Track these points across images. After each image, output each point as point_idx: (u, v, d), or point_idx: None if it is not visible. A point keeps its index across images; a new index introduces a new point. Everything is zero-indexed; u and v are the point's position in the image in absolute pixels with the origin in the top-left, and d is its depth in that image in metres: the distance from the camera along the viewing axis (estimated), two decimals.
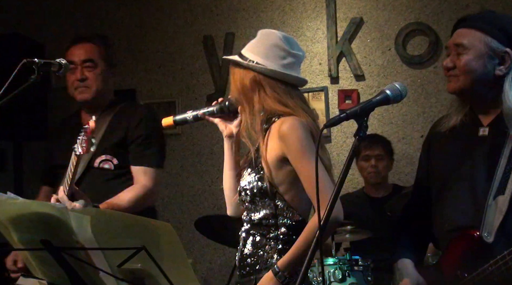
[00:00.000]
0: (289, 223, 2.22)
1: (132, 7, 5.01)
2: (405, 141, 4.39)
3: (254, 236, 2.26)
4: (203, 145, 4.74)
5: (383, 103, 1.81)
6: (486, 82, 2.19)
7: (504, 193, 2.12)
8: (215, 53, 4.76)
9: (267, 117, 2.29)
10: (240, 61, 2.28)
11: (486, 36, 2.19)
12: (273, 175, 2.20)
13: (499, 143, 2.17)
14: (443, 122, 2.33)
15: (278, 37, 2.28)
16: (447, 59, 2.24)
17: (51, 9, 5.12)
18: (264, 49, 2.27)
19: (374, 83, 4.46)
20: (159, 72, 4.93)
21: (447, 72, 2.24)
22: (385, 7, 4.47)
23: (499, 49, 2.19)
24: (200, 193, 4.77)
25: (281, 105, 2.23)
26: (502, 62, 2.19)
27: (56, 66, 2.55)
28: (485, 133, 2.23)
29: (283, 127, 2.18)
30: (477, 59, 2.18)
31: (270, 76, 2.25)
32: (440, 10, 4.34)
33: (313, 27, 4.61)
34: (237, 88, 2.30)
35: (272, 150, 2.21)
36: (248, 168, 2.30)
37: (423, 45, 4.35)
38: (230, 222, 3.74)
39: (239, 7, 4.78)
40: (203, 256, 4.72)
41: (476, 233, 2.13)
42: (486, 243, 2.11)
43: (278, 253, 2.20)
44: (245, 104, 2.28)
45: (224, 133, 2.40)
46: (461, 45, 2.20)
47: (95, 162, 2.87)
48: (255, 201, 2.24)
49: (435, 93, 4.31)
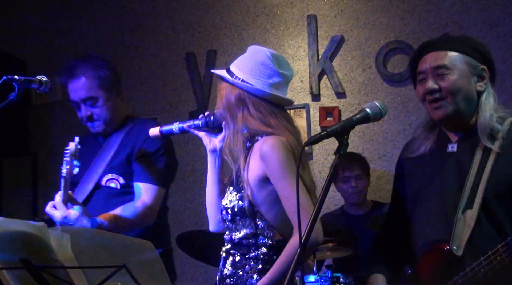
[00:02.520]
0: (269, 243, 2.21)
1: (113, 24, 5.02)
2: (385, 159, 4.41)
3: (234, 256, 2.25)
4: (185, 162, 4.73)
5: (363, 122, 1.84)
6: (470, 100, 2.23)
7: (472, 207, 2.16)
8: (197, 70, 4.77)
9: (250, 136, 2.28)
10: (227, 77, 2.27)
11: (464, 55, 2.24)
12: (254, 194, 2.19)
13: (468, 158, 2.22)
14: (412, 149, 2.36)
15: (267, 55, 2.26)
16: (428, 82, 2.24)
17: (32, 26, 5.11)
18: (252, 67, 2.25)
19: (355, 100, 4.49)
20: (141, 89, 4.93)
21: (430, 96, 2.24)
22: (366, 26, 4.52)
23: (477, 66, 2.24)
24: (182, 210, 4.75)
25: (263, 124, 2.22)
26: (481, 79, 2.24)
27: (37, 83, 2.54)
28: (453, 149, 2.27)
29: (264, 147, 2.18)
30: (462, 78, 2.22)
31: (255, 95, 2.24)
32: (420, 29, 4.39)
33: (294, 45, 4.64)
34: (222, 103, 2.29)
35: (253, 169, 2.21)
36: (230, 187, 2.30)
37: (403, 63, 4.40)
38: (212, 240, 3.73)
39: (221, 25, 4.80)
40: (184, 274, 4.68)
41: (446, 247, 2.17)
42: (456, 256, 2.15)
43: (258, 273, 2.18)
44: (229, 120, 2.27)
45: (208, 147, 2.39)
46: (442, 66, 2.23)
47: (103, 180, 2.86)
48: (235, 220, 2.23)
49: (416, 111, 4.35)
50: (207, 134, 2.39)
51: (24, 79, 2.48)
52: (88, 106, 2.87)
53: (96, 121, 2.90)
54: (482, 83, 2.26)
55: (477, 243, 2.13)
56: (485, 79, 2.27)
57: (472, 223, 2.14)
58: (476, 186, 2.17)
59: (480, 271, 2.07)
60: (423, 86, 2.26)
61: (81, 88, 2.84)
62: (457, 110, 2.23)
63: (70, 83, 2.88)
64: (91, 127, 2.93)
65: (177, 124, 2.43)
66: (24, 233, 1.72)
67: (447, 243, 2.17)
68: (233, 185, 2.28)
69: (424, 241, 2.26)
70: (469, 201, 2.17)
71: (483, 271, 2.07)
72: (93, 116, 2.88)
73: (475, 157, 2.20)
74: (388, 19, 4.48)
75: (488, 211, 2.16)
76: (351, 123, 1.79)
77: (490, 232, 2.15)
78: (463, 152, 2.25)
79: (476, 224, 2.14)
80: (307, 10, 4.63)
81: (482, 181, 2.16)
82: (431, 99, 2.24)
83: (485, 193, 2.15)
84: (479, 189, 2.16)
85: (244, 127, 2.25)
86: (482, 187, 2.15)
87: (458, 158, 2.25)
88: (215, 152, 2.38)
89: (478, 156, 2.20)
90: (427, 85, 2.24)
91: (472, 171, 2.19)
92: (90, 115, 2.88)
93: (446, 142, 2.29)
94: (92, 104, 2.87)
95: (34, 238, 1.70)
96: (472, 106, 2.25)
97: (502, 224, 2.15)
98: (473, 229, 2.14)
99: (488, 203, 2.16)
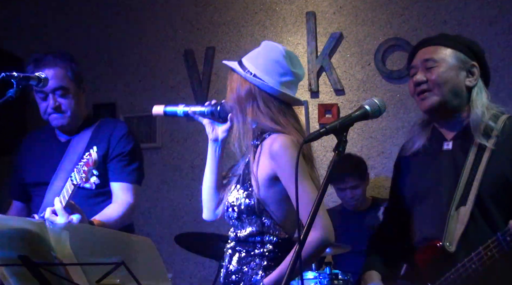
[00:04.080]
0: (275, 241, 2.20)
1: (112, 21, 5.01)
2: (384, 156, 4.42)
3: (240, 253, 2.24)
4: (184, 158, 4.73)
5: (362, 118, 1.83)
6: (458, 93, 2.25)
7: (466, 203, 2.17)
8: (196, 67, 4.77)
9: (259, 133, 2.26)
10: (239, 70, 2.24)
11: (455, 51, 2.27)
12: (262, 192, 2.18)
13: (462, 156, 2.23)
14: (408, 147, 2.38)
15: (282, 53, 2.24)
16: (417, 75, 2.27)
17: (29, 23, 5.11)
18: (265, 63, 2.23)
19: (354, 97, 4.49)
20: (140, 86, 4.92)
21: (418, 88, 2.26)
22: (365, 23, 4.52)
23: (467, 62, 2.26)
24: (181, 207, 4.75)
25: (272, 122, 2.21)
26: (471, 74, 2.26)
27: (35, 80, 2.53)
28: (449, 147, 2.29)
29: (275, 146, 2.16)
30: (449, 71, 2.24)
31: (266, 91, 2.22)
32: (419, 26, 4.39)
33: (293, 42, 4.64)
34: (232, 95, 2.26)
35: (262, 167, 2.19)
36: (236, 184, 2.27)
37: (402, 60, 4.39)
38: (210, 236, 3.73)
39: (219, 22, 4.80)
40: (183, 271, 4.69)
41: (439, 243, 2.18)
42: (448, 253, 2.17)
43: (263, 270, 2.18)
44: (238, 113, 2.25)
45: (210, 136, 2.36)
46: (430, 59, 2.26)
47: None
48: (241, 218, 2.22)
49: (414, 108, 4.34)
50: (211, 123, 2.35)
51: (23, 76, 2.46)
52: (57, 96, 2.81)
53: (63, 113, 2.83)
54: (472, 79, 2.27)
55: (471, 240, 2.14)
56: (475, 75, 2.27)
57: (465, 219, 2.16)
58: (470, 183, 2.18)
59: (471, 267, 2.09)
60: (413, 79, 2.29)
61: (53, 77, 2.76)
62: (444, 102, 2.23)
63: (40, 73, 2.77)
64: (54, 120, 2.85)
65: (183, 107, 2.37)
66: (23, 230, 1.72)
67: (440, 239, 2.18)
68: (239, 182, 2.26)
69: (420, 238, 2.28)
70: (462, 198, 2.18)
71: (474, 267, 2.08)
72: (61, 106, 2.82)
73: (469, 154, 2.21)
74: (387, 16, 4.48)
75: (481, 208, 2.17)
76: (350, 120, 1.79)
77: (483, 229, 2.16)
78: (458, 150, 2.26)
79: (469, 221, 2.16)
80: (306, 7, 4.63)
81: (476, 178, 2.17)
82: (418, 91, 2.26)
83: (479, 190, 2.16)
84: (473, 186, 2.17)
85: (253, 122, 2.23)
86: (476, 184, 2.16)
87: (453, 156, 2.26)
88: (216, 141, 2.35)
89: (472, 153, 2.21)
90: (415, 78, 2.27)
91: (466, 168, 2.20)
92: (59, 106, 2.82)
93: (442, 140, 2.31)
94: (62, 94, 2.81)
95: (32, 235, 1.70)
96: (460, 99, 2.26)
97: (495, 221, 2.16)
98: (467, 225, 2.15)
99: (482, 199, 2.16)
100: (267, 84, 2.21)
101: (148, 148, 4.77)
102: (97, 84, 4.93)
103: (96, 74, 4.95)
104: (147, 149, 4.76)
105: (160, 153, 4.82)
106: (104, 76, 4.96)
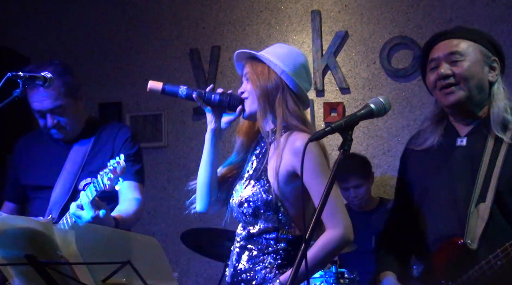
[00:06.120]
0: (289, 238, 2.19)
1: (118, 20, 5.02)
2: (390, 154, 4.41)
3: (250, 251, 2.22)
4: (190, 158, 4.74)
5: (367, 117, 1.83)
6: (483, 88, 2.24)
7: (485, 200, 2.15)
8: (201, 66, 4.77)
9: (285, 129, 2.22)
10: (278, 63, 2.21)
11: (477, 44, 2.25)
12: (281, 188, 2.16)
13: (478, 151, 2.21)
14: (419, 142, 2.34)
15: (307, 61, 2.31)
16: (442, 68, 2.23)
17: (36, 23, 5.12)
18: (295, 65, 2.25)
19: (359, 96, 4.49)
20: (146, 85, 4.90)
21: (442, 81, 2.22)
22: (370, 21, 4.51)
23: (489, 56, 2.25)
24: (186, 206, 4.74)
25: (299, 120, 2.21)
26: (492, 69, 2.26)
27: (41, 79, 2.52)
28: (463, 143, 2.26)
29: (298, 143, 2.14)
30: (475, 65, 2.23)
31: (293, 90, 2.23)
32: (424, 24, 4.38)
33: (298, 40, 4.64)
34: (257, 86, 2.22)
35: (283, 163, 2.16)
36: (250, 180, 2.24)
37: (407, 58, 4.39)
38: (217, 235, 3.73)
39: (225, 21, 4.80)
40: (189, 270, 4.69)
41: (460, 241, 2.16)
42: (470, 250, 2.14)
43: (277, 268, 2.16)
44: (263, 104, 2.22)
45: (210, 126, 2.32)
46: (456, 53, 2.23)
47: (80, 184, 2.83)
48: (257, 214, 2.19)
49: (420, 106, 4.34)
50: (214, 112, 2.31)
51: (29, 76, 2.46)
52: (55, 115, 2.78)
53: (63, 128, 2.82)
54: (494, 74, 2.26)
55: (491, 236, 2.12)
56: (497, 70, 2.27)
57: (485, 216, 2.13)
58: (489, 178, 2.15)
59: (497, 264, 2.06)
60: (435, 73, 2.25)
61: (47, 98, 2.72)
62: (470, 97, 2.21)
63: (35, 95, 2.75)
64: (55, 134, 2.84)
65: (185, 89, 2.29)
66: (29, 230, 1.73)
67: (460, 237, 2.15)
68: (252, 178, 2.23)
69: (437, 236, 2.24)
70: (481, 194, 2.15)
71: (500, 263, 2.06)
72: (60, 123, 2.80)
73: (486, 149, 2.18)
74: (392, 14, 4.47)
75: (501, 204, 2.15)
76: (356, 119, 1.79)
77: (503, 225, 2.15)
78: (473, 145, 2.23)
79: (489, 217, 2.13)
80: (311, 5, 4.63)
81: (495, 173, 2.15)
82: (443, 85, 2.22)
83: (498, 185, 2.14)
84: (491, 182, 2.14)
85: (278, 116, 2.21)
86: (494, 179, 2.14)
87: (468, 152, 2.23)
88: (216, 131, 2.32)
89: (489, 147, 2.18)
90: (439, 70, 2.23)
91: (484, 163, 2.17)
92: (57, 123, 2.79)
93: (455, 136, 2.28)
94: (59, 113, 2.77)
95: (39, 234, 1.70)
96: (483, 95, 2.24)
97: None
98: (487, 222, 2.13)
99: (501, 195, 2.14)
100: (298, 84, 2.23)
101: (154, 147, 4.78)
102: (104, 84, 4.95)
103: (102, 74, 4.96)
104: (153, 148, 4.78)
105: (166, 152, 4.83)
106: (110, 76, 4.97)
